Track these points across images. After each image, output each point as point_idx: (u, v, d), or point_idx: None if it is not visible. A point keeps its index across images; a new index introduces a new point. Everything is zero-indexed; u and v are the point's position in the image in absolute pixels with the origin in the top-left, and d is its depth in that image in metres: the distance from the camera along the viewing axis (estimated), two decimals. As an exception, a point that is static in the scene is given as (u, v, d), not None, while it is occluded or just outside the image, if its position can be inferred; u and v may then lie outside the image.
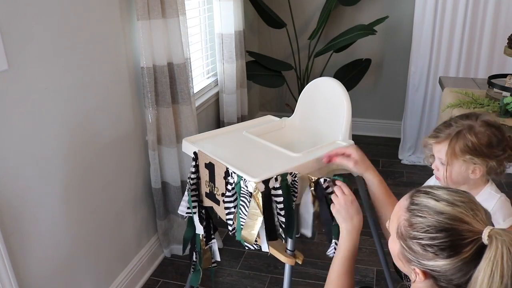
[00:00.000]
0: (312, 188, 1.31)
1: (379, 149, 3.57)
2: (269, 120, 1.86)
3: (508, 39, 2.17)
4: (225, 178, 1.40)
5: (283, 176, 1.33)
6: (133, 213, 2.06)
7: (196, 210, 1.59)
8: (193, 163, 1.55)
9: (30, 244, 1.46)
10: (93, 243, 1.79)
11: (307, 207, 1.34)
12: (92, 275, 1.80)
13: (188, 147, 1.60)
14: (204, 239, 1.66)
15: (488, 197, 1.23)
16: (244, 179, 1.31)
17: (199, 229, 1.64)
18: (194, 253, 1.72)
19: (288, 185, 1.34)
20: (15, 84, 1.33)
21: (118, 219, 1.95)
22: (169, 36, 1.98)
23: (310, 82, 1.71)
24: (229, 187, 1.38)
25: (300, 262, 1.44)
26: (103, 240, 1.85)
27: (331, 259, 1.19)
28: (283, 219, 1.33)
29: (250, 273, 2.22)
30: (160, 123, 2.04)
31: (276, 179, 1.31)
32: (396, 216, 0.86)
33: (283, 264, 1.45)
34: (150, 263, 2.23)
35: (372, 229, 1.81)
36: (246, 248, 1.39)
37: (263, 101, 4.03)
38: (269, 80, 3.31)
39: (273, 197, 1.32)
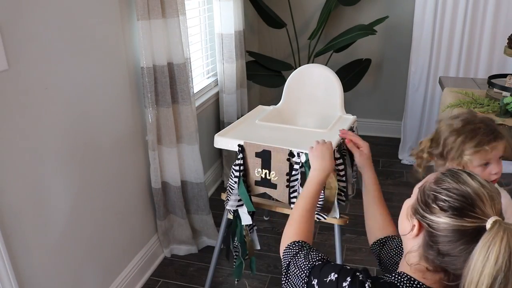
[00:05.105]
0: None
1: (379, 149, 3.57)
2: (262, 110, 2.01)
3: (508, 39, 2.17)
4: (288, 160, 1.52)
5: (339, 146, 1.56)
6: (133, 213, 2.06)
7: (242, 202, 1.66)
8: (240, 155, 1.60)
9: (30, 244, 1.46)
10: (93, 243, 1.79)
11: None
12: (92, 274, 1.80)
13: (227, 141, 1.66)
14: (248, 228, 1.75)
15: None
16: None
17: (247, 220, 1.69)
18: (233, 248, 1.79)
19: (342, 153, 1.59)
20: (15, 84, 1.33)
21: (118, 219, 1.95)
22: (169, 36, 1.98)
23: (294, 71, 1.99)
24: (296, 166, 1.51)
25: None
26: (103, 240, 1.85)
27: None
28: (344, 185, 1.54)
29: (250, 273, 2.21)
30: (160, 123, 2.04)
31: (335, 150, 1.51)
32: (427, 178, 0.92)
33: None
34: (150, 263, 2.23)
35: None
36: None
37: (263, 101, 4.02)
38: (269, 80, 3.31)
39: (335, 167, 1.53)
